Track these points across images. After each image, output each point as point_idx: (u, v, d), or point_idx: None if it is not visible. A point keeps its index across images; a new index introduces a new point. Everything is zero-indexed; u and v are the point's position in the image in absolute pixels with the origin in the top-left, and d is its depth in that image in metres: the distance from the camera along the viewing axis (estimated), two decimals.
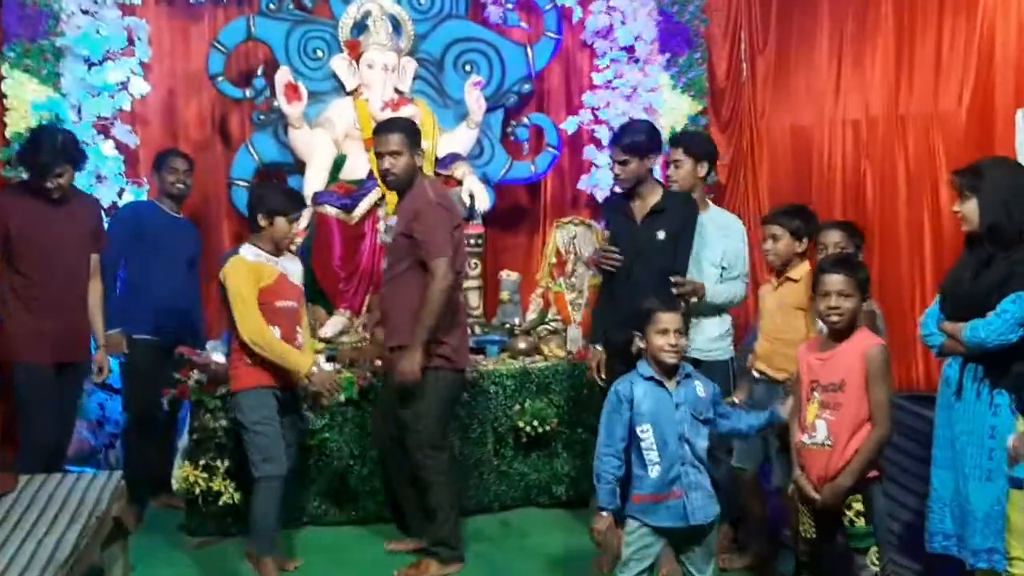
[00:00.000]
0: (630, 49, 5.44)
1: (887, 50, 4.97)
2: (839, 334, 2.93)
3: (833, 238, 3.56)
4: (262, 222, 3.56)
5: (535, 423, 4.33)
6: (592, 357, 3.97)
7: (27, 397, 3.88)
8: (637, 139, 3.74)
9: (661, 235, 3.74)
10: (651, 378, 2.94)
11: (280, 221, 3.56)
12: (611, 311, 3.86)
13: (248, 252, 3.56)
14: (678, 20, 5.45)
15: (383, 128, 3.72)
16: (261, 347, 3.47)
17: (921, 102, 4.82)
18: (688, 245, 3.75)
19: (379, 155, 3.69)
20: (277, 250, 3.61)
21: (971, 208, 2.92)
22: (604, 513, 2.90)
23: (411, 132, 3.69)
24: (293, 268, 3.70)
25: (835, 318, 2.89)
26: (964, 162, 4.47)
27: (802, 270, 3.63)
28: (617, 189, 4.06)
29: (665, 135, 5.35)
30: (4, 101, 4.66)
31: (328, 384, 3.60)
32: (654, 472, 2.88)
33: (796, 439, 3.01)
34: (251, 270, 3.50)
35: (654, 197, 3.80)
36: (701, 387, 2.97)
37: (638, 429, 2.91)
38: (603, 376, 3.89)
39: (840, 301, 2.88)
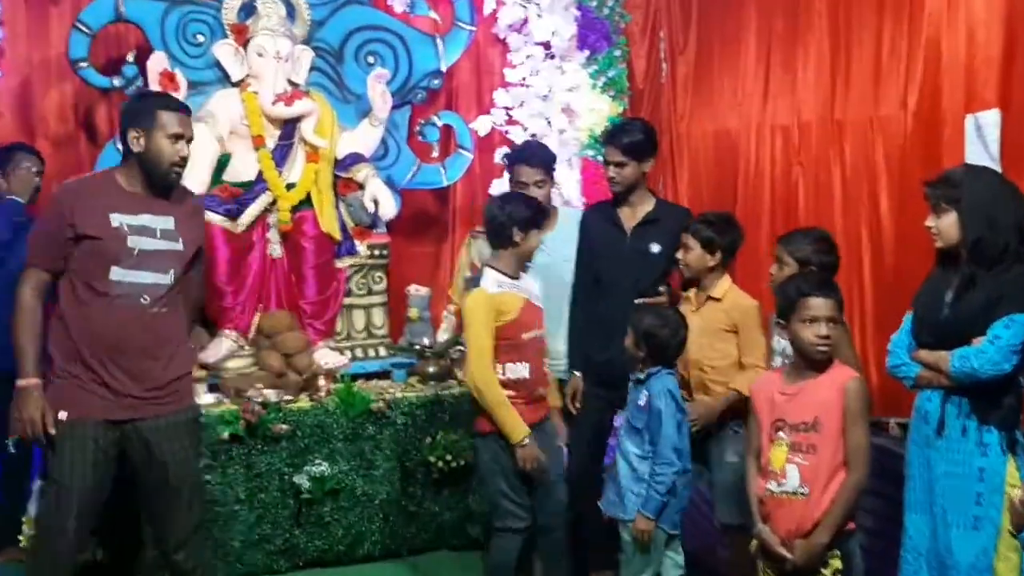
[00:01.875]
0: (546, 45, 5.04)
1: (821, 51, 4.71)
2: (816, 365, 2.58)
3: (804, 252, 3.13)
4: (516, 237, 3.19)
5: (448, 457, 3.91)
6: (569, 385, 3.64)
7: None
8: (636, 139, 3.52)
9: (655, 248, 3.49)
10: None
11: (534, 234, 3.23)
12: (591, 331, 3.56)
13: (491, 281, 3.19)
14: (597, 15, 5.10)
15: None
16: (485, 399, 3.14)
17: (860, 106, 4.57)
18: None
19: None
20: (519, 269, 3.24)
21: (949, 222, 2.62)
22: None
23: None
24: (531, 282, 3.31)
25: (824, 348, 2.55)
26: (908, 170, 4.33)
27: (723, 287, 3.34)
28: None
29: (583, 137, 5.06)
30: None
31: (530, 462, 3.15)
32: None
33: (757, 486, 2.65)
34: (492, 306, 3.15)
35: (646, 206, 3.57)
36: (645, 398, 3.01)
37: None
38: (578, 405, 3.60)
39: (830, 329, 2.54)
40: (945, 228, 2.64)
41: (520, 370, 3.18)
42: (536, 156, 3.83)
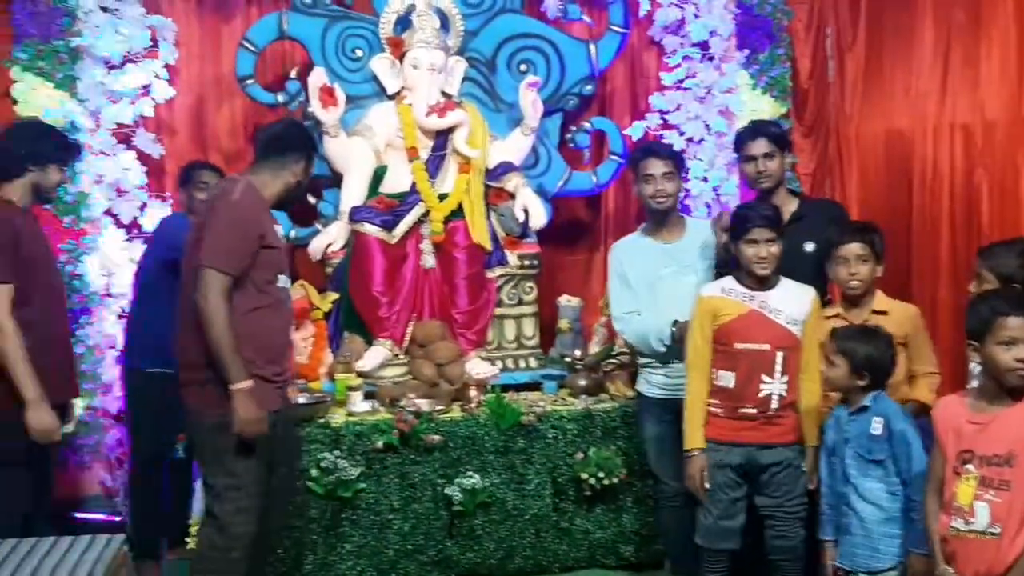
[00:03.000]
0: (704, 45, 4.88)
1: (1007, 42, 4.30)
2: (1013, 391, 2.34)
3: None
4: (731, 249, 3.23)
5: (600, 474, 3.79)
6: None
7: None
8: (780, 129, 3.45)
9: (809, 247, 3.34)
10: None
11: (742, 248, 3.11)
12: None
13: (712, 285, 3.22)
14: (758, 13, 4.89)
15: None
16: None
17: None
18: None
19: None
20: (750, 280, 3.13)
21: None
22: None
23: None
24: (783, 299, 3.11)
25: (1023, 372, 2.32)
26: None
27: (882, 299, 3.17)
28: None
29: None
30: (15, 107, 4.22)
31: (689, 479, 3.19)
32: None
33: (939, 523, 2.43)
34: (704, 307, 3.16)
35: (790, 205, 3.43)
36: (881, 424, 2.75)
37: None
38: None
39: None
40: None
41: (727, 379, 3.09)
42: (663, 148, 3.70)
